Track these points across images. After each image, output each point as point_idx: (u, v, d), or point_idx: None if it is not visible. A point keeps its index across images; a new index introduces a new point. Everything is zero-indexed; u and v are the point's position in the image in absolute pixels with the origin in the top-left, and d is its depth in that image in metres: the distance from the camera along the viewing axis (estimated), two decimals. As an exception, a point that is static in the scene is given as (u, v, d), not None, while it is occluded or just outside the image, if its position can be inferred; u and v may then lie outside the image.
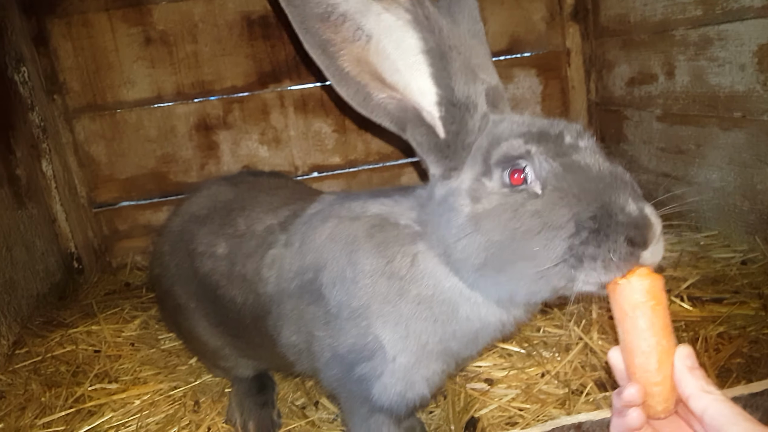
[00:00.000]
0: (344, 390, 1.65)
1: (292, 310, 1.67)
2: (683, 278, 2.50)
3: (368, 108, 1.35)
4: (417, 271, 1.45)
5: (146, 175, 3.57)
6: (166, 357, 2.51)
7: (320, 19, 1.26)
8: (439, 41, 1.28)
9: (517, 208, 1.23)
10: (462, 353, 1.54)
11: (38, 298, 3.04)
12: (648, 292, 1.12)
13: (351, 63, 1.30)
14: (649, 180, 3.31)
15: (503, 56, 3.65)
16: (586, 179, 1.19)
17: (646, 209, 1.16)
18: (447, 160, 1.37)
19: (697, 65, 2.77)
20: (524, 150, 1.25)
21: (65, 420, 2.12)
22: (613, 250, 1.13)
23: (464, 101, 1.32)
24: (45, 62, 3.34)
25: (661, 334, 1.12)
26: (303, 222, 1.74)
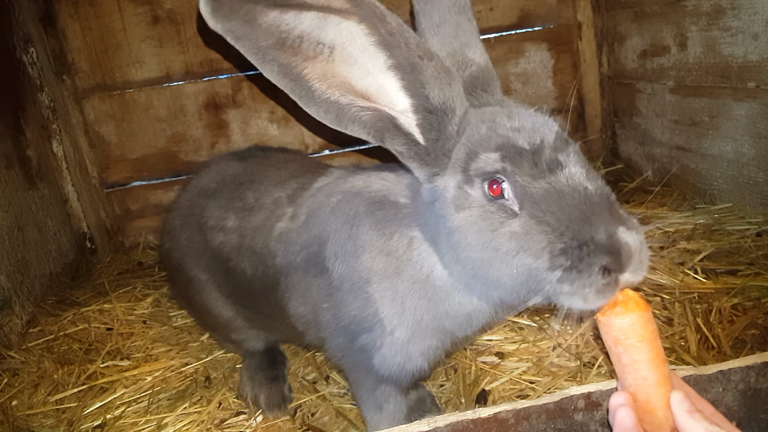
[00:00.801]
0: (349, 361, 1.67)
1: (299, 281, 1.68)
2: (697, 250, 2.46)
3: (343, 123, 1.28)
4: (413, 254, 1.45)
5: (157, 154, 3.57)
6: (177, 334, 2.53)
7: (276, 47, 1.18)
8: (407, 54, 1.22)
9: (496, 228, 1.22)
10: (456, 332, 1.55)
11: (51, 277, 3.07)
12: (628, 329, 1.11)
13: (317, 80, 1.24)
14: (662, 153, 3.26)
15: (514, 30, 3.60)
16: (560, 207, 1.16)
17: (618, 234, 1.12)
18: (429, 167, 1.34)
19: (709, 35, 2.71)
20: (500, 167, 1.22)
21: (77, 396, 2.15)
22: (587, 284, 1.12)
23: (441, 107, 1.28)
24: (53, 43, 3.34)
25: (646, 368, 1.11)
26: (310, 195, 1.75)
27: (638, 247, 1.13)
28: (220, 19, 1.13)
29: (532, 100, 3.72)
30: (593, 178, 1.21)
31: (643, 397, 1.12)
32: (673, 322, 2.07)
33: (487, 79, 1.46)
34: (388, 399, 1.67)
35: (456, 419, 1.31)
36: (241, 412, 2.00)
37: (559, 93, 3.74)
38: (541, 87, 3.71)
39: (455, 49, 1.47)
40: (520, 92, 3.70)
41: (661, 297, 2.22)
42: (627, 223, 1.15)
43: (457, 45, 1.47)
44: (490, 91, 1.45)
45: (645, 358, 1.11)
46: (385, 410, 1.69)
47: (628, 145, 3.64)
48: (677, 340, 1.99)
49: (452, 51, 1.48)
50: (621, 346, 1.12)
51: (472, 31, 1.50)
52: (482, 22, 3.55)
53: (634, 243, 1.13)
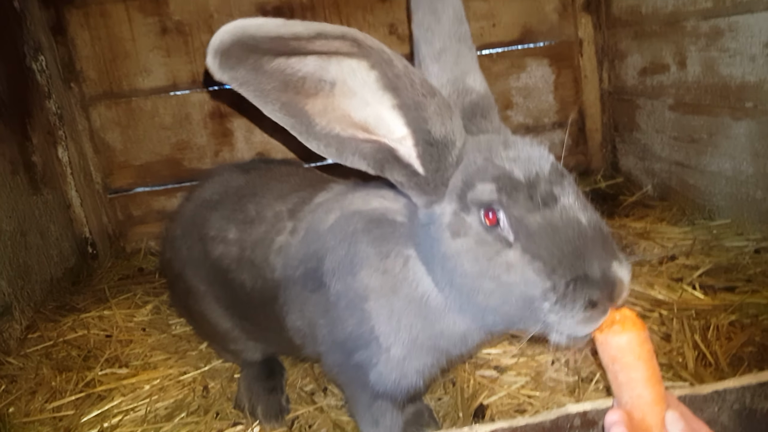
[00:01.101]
0: (345, 376, 1.68)
1: (297, 296, 1.70)
2: (696, 266, 2.47)
3: (343, 156, 1.29)
4: (408, 273, 1.46)
5: (161, 161, 3.61)
6: (176, 342, 2.54)
7: (278, 89, 1.17)
8: (413, 94, 1.23)
9: (491, 256, 1.24)
10: (451, 351, 1.55)
11: (52, 282, 3.09)
12: (624, 348, 1.13)
13: (317, 115, 1.23)
14: (662, 168, 3.28)
15: (516, 46, 3.64)
16: (554, 242, 1.18)
17: (611, 268, 1.15)
18: (427, 195, 1.35)
19: (708, 56, 2.74)
20: (496, 197, 1.24)
21: (75, 404, 2.14)
22: (571, 316, 1.15)
23: (442, 140, 1.29)
24: (62, 51, 3.39)
25: (642, 386, 1.13)
26: (310, 210, 1.76)
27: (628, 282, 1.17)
28: (227, 70, 1.11)
29: (533, 114, 3.76)
30: (587, 210, 1.23)
31: (639, 415, 1.13)
32: (671, 338, 2.07)
33: (486, 107, 1.48)
34: (385, 414, 1.68)
35: (452, 434, 1.32)
36: (239, 422, 2.00)
37: (559, 107, 3.77)
38: (542, 101, 3.74)
39: (456, 76, 1.49)
40: (521, 106, 3.73)
41: (659, 313, 2.22)
42: (619, 258, 1.18)
43: (457, 72, 1.50)
44: (489, 118, 1.47)
45: (641, 377, 1.13)
46: (382, 425, 1.70)
47: (628, 159, 3.66)
48: (675, 356, 1.99)
49: (453, 78, 1.50)
50: (618, 364, 1.14)
51: (471, 59, 1.52)
52: (485, 37, 3.59)
53: (626, 277, 1.16)
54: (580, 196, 1.25)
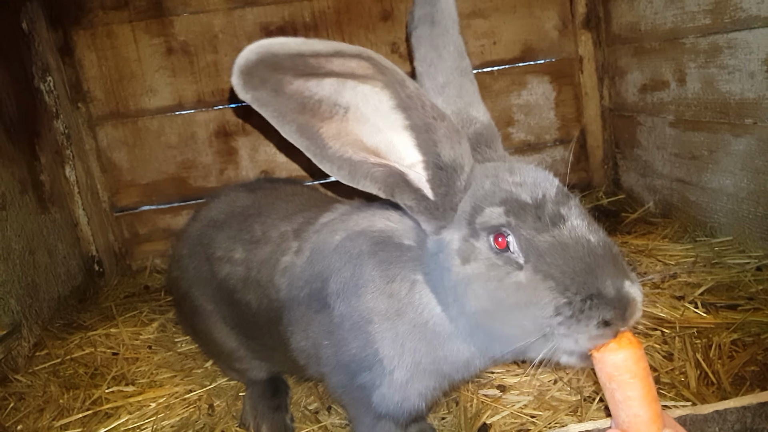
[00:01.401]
0: (349, 397, 1.69)
1: (301, 316, 1.71)
2: (697, 284, 2.48)
3: (355, 179, 1.33)
4: (414, 298, 1.47)
5: (167, 180, 3.65)
6: (182, 360, 2.56)
7: (296, 111, 1.23)
8: (423, 116, 1.27)
9: (502, 278, 1.25)
10: (454, 376, 1.57)
11: (59, 300, 3.12)
12: (621, 366, 1.15)
13: (331, 138, 1.28)
14: (663, 185, 3.30)
15: (517, 64, 3.68)
16: (565, 260, 1.20)
17: (624, 288, 1.16)
18: (436, 220, 1.38)
19: (707, 72, 2.77)
20: (505, 221, 1.26)
21: (82, 422, 2.16)
22: (582, 331, 1.16)
23: (451, 164, 1.32)
24: (70, 72, 3.45)
25: (639, 405, 1.14)
26: (315, 230, 1.78)
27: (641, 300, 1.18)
28: (250, 90, 1.16)
29: (534, 131, 3.79)
30: (595, 230, 1.25)
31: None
32: (673, 357, 2.07)
33: (490, 136, 1.51)
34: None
35: (454, 454, 1.33)
36: (244, 440, 2.02)
37: (561, 124, 3.80)
38: (543, 118, 3.77)
39: (460, 108, 1.53)
40: (522, 123, 3.76)
41: (661, 331, 2.22)
42: (631, 277, 1.19)
43: (461, 104, 1.53)
44: (493, 147, 1.50)
45: (637, 395, 1.14)
46: None
47: (630, 176, 3.68)
48: (677, 375, 1.99)
49: (457, 110, 1.54)
50: (615, 383, 1.15)
51: (474, 91, 1.57)
52: (486, 55, 3.64)
53: (638, 296, 1.17)
54: (587, 217, 1.28)
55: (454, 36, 1.59)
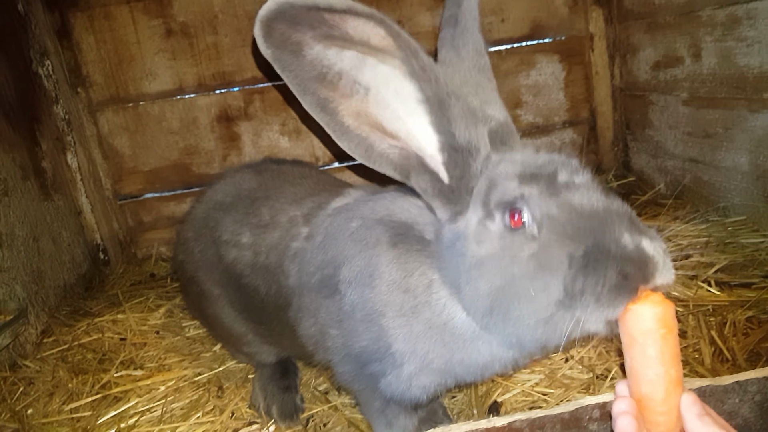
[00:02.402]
0: (358, 384, 1.68)
1: (310, 303, 1.69)
2: (711, 263, 2.44)
3: (371, 159, 1.34)
4: (431, 297, 1.45)
5: (169, 166, 3.61)
6: (190, 344, 2.54)
7: (317, 80, 1.25)
8: (437, 90, 1.27)
9: (515, 253, 1.23)
10: (465, 378, 1.55)
11: (65, 288, 3.10)
12: (659, 319, 1.10)
13: (350, 117, 1.30)
14: (675, 165, 3.25)
15: (525, 42, 3.61)
16: (579, 218, 1.18)
17: (643, 242, 1.13)
18: (452, 205, 1.37)
19: (724, 46, 2.70)
20: (518, 193, 1.24)
21: (92, 406, 2.15)
22: (602, 284, 1.12)
23: (466, 146, 1.32)
24: (68, 55, 3.39)
25: (670, 363, 1.10)
26: (326, 215, 1.75)
27: (663, 258, 1.14)
28: (271, 45, 1.20)
29: (543, 112, 3.73)
30: (611, 195, 1.24)
31: (661, 395, 1.10)
32: (687, 334, 2.06)
33: (506, 134, 1.48)
34: (398, 416, 1.69)
35: (470, 428, 1.31)
36: (254, 421, 2.00)
37: (570, 105, 3.74)
38: (552, 99, 3.71)
39: (475, 106, 1.49)
40: (531, 104, 3.71)
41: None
42: (649, 235, 1.16)
43: (477, 102, 1.50)
44: (510, 145, 1.47)
45: (671, 352, 1.10)
46: (395, 426, 1.70)
47: (641, 157, 3.63)
48: (691, 352, 1.97)
49: (473, 108, 1.49)
50: (650, 338, 1.10)
51: (491, 89, 1.54)
52: (493, 33, 3.57)
53: (659, 255, 1.13)
54: (602, 185, 1.26)
55: (474, 34, 1.58)
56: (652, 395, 1.11)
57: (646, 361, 1.11)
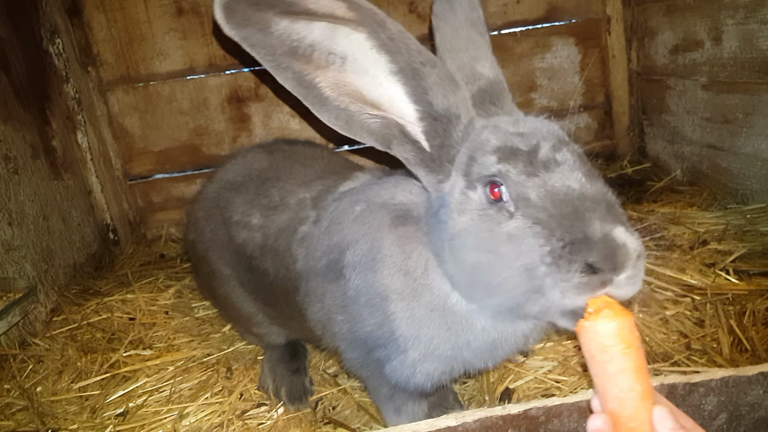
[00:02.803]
0: (366, 371, 1.66)
1: (317, 287, 1.67)
2: (728, 251, 2.40)
3: (352, 130, 1.32)
4: (428, 279, 1.42)
5: (179, 147, 3.58)
6: (199, 325, 2.53)
7: (289, 54, 1.23)
8: (409, 60, 1.25)
9: (493, 228, 1.21)
10: (475, 363, 1.51)
11: (75, 267, 3.10)
12: (616, 335, 1.05)
13: (329, 88, 1.28)
14: (692, 152, 3.19)
15: (541, 24, 3.54)
16: (552, 203, 1.14)
17: (614, 231, 1.09)
18: (435, 174, 1.35)
19: (746, 29, 2.63)
20: (496, 169, 1.22)
21: (100, 384, 2.15)
22: (568, 273, 1.09)
23: (445, 114, 1.30)
24: (79, 34, 3.36)
25: (634, 378, 1.04)
26: (334, 199, 1.73)
27: (636, 252, 1.09)
28: (235, 26, 1.18)
29: (558, 96, 3.66)
30: (591, 177, 1.19)
31: (629, 411, 1.05)
32: (704, 323, 2.02)
33: (496, 93, 1.44)
34: (406, 403, 1.67)
35: (485, 415, 1.28)
36: (263, 403, 1.99)
37: (586, 89, 3.68)
38: (567, 83, 3.64)
39: (464, 63, 1.46)
40: (545, 88, 3.64)
41: (691, 297, 2.17)
42: (627, 225, 1.11)
43: (467, 59, 1.46)
44: (500, 105, 1.43)
45: (632, 367, 1.04)
46: (404, 412, 1.68)
47: (657, 143, 3.56)
48: (709, 342, 1.94)
49: (461, 65, 1.46)
50: (608, 354, 1.05)
51: (483, 44, 1.49)
52: (508, 15, 3.50)
53: (632, 245, 1.09)
54: (585, 165, 1.22)
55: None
56: (619, 411, 1.06)
57: (607, 378, 1.06)
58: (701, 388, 1.32)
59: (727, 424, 1.35)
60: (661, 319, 2.07)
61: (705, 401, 1.33)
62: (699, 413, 1.34)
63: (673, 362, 1.86)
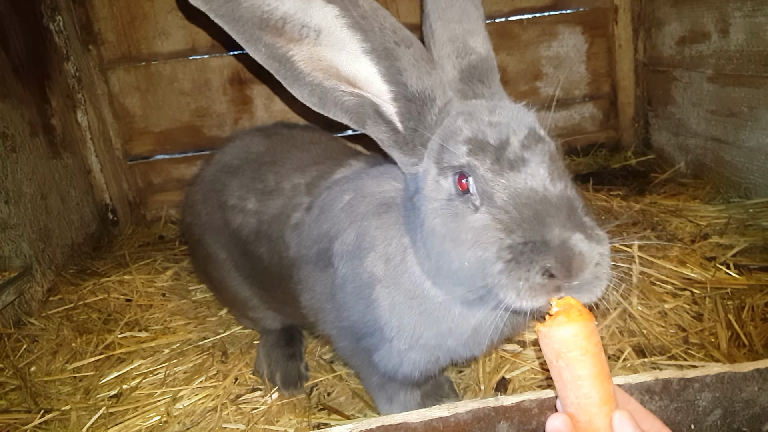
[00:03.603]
0: (356, 359, 1.67)
1: (308, 276, 1.67)
2: (730, 246, 2.38)
3: (326, 107, 1.30)
4: (406, 266, 1.41)
5: (180, 128, 3.56)
6: (196, 308, 2.53)
7: (259, 26, 1.20)
8: (382, 39, 1.22)
9: (458, 219, 1.20)
10: (460, 351, 1.50)
11: (73, 247, 3.09)
12: (572, 341, 1.02)
13: (303, 62, 1.25)
14: (697, 144, 3.16)
15: (548, 12, 3.49)
16: (515, 206, 1.13)
17: (573, 238, 1.07)
18: (408, 156, 1.33)
19: (754, 22, 2.59)
20: (465, 161, 1.20)
21: (95, 366, 2.15)
22: (522, 278, 1.08)
23: (419, 96, 1.28)
24: (80, 11, 3.32)
25: (591, 384, 1.02)
26: (326, 187, 1.72)
27: (593, 260, 1.07)
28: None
29: (563, 85, 3.63)
30: (558, 179, 1.17)
31: (586, 417, 1.03)
32: (702, 317, 2.01)
33: (485, 70, 1.41)
34: (398, 392, 1.67)
35: (477, 406, 1.27)
36: (257, 388, 1.99)
37: (591, 79, 3.64)
38: (573, 72, 3.60)
39: (457, 35, 1.42)
40: (551, 76, 3.60)
41: (691, 291, 2.15)
42: (587, 232, 1.09)
43: (459, 31, 1.43)
44: (487, 83, 1.40)
45: (588, 374, 1.02)
46: (396, 402, 1.68)
47: (661, 135, 3.53)
48: (707, 336, 1.93)
49: (453, 36, 1.43)
50: (563, 360, 1.02)
51: (477, 18, 1.46)
52: (515, 2, 3.46)
53: (589, 254, 1.07)
54: (554, 164, 1.19)
55: None
56: (577, 416, 1.04)
57: (563, 383, 1.04)
58: (696, 384, 1.31)
59: (721, 420, 1.34)
60: (660, 313, 2.06)
61: (699, 397, 1.32)
62: (693, 409, 1.33)
63: (671, 356, 1.85)
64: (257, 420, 1.82)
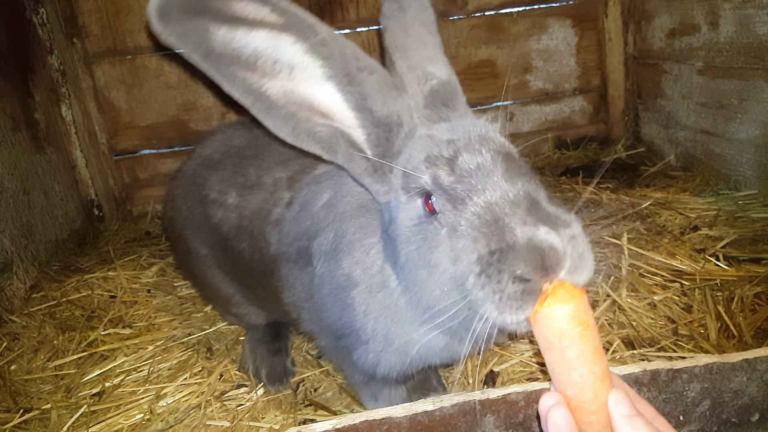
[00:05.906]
0: (337, 358, 1.66)
1: (289, 273, 1.65)
2: (720, 237, 2.38)
3: (299, 138, 1.29)
4: (383, 277, 1.39)
5: (166, 122, 3.52)
6: (181, 304, 2.49)
7: (231, 62, 1.19)
8: (343, 65, 1.22)
9: (429, 243, 1.17)
10: (431, 360, 1.48)
11: (57, 243, 3.04)
12: (572, 317, 0.98)
13: (277, 96, 1.24)
14: (687, 137, 3.15)
15: (537, 5, 3.47)
16: (474, 213, 1.09)
17: (538, 233, 1.01)
18: (380, 185, 1.32)
19: (743, 14, 2.59)
20: (424, 180, 1.19)
21: (77, 363, 2.11)
22: (497, 290, 1.02)
23: (386, 121, 1.27)
24: (64, 4, 3.27)
25: (593, 360, 0.99)
26: (307, 182, 1.69)
27: (566, 247, 1.01)
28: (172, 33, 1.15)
29: (553, 79, 3.62)
30: (515, 177, 1.12)
31: (590, 395, 1.00)
32: (692, 308, 2.00)
33: (448, 93, 1.39)
34: (383, 389, 1.65)
35: (463, 399, 1.25)
36: (243, 384, 1.96)
37: (581, 72, 3.62)
38: (563, 65, 3.59)
39: (415, 63, 1.40)
40: (541, 70, 3.59)
41: (680, 283, 2.14)
42: (551, 222, 1.03)
43: (418, 59, 1.41)
44: (452, 106, 1.38)
45: (593, 347, 0.99)
46: (381, 398, 1.66)
47: (651, 128, 3.52)
48: (696, 327, 1.92)
49: (412, 65, 1.41)
50: (567, 339, 0.99)
51: (434, 44, 1.44)
52: (505, -6, 3.43)
53: (560, 244, 1.00)
54: (509, 163, 1.15)
55: None
56: (580, 397, 1.01)
57: (567, 363, 1.00)
58: (685, 375, 1.30)
59: (709, 411, 1.33)
60: (649, 304, 2.05)
61: (688, 388, 1.31)
62: (682, 400, 1.31)
63: (660, 347, 1.84)
64: (242, 417, 1.79)
